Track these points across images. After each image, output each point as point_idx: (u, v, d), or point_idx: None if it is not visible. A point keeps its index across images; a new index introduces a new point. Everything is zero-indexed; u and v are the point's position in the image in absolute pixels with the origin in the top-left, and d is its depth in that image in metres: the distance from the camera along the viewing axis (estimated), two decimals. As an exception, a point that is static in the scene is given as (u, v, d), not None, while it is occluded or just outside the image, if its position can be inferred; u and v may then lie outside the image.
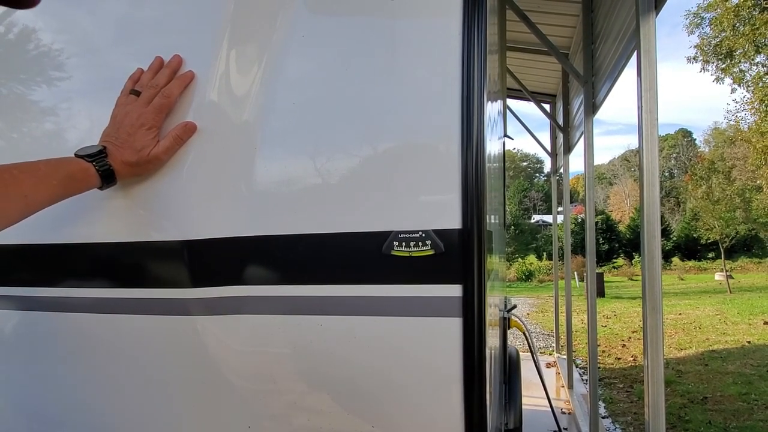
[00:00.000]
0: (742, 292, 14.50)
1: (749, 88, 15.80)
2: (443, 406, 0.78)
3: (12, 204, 0.66)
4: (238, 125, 0.85)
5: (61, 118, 0.97)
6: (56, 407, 0.98)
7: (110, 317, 0.88)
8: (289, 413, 0.85)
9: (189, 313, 0.84)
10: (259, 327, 0.84)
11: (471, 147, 0.76)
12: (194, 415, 0.89)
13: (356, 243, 0.79)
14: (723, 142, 33.67)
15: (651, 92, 1.67)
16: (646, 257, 1.68)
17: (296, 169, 0.85)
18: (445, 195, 0.77)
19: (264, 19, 0.86)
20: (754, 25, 13.85)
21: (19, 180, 0.68)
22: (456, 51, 0.78)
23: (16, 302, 0.95)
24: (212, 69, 0.84)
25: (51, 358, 0.95)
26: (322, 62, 0.85)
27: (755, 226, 20.22)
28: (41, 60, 1.01)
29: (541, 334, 8.66)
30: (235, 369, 0.85)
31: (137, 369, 0.90)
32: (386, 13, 0.82)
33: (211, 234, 0.83)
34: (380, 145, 0.81)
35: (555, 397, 4.71)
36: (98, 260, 0.89)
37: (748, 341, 7.52)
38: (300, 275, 0.82)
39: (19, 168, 0.70)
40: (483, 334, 0.77)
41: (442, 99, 0.78)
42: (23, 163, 0.71)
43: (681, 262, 27.80)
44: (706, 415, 4.52)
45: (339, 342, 0.81)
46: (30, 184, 0.69)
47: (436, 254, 0.76)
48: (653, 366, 1.65)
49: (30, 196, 0.69)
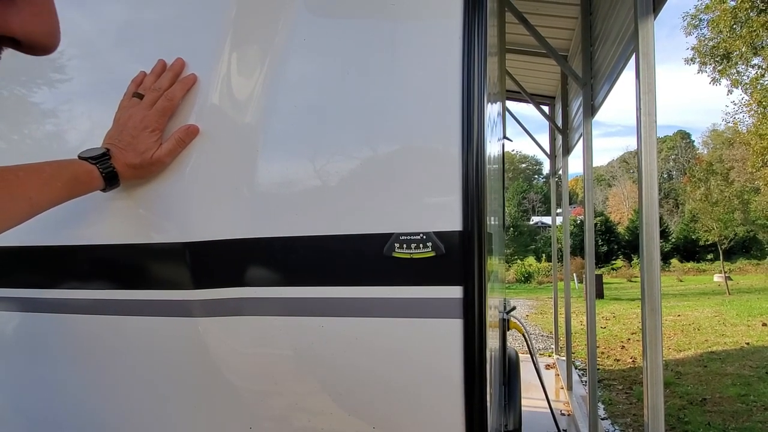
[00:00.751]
0: (740, 294, 14.51)
1: (747, 90, 15.85)
2: (444, 407, 0.78)
3: (17, 205, 0.67)
4: (240, 128, 0.86)
5: (62, 119, 0.98)
6: (57, 408, 0.98)
7: (112, 318, 0.88)
8: (290, 414, 0.86)
9: (191, 314, 0.84)
10: (261, 328, 0.84)
11: (471, 149, 0.77)
12: (195, 415, 0.90)
13: (357, 245, 0.80)
14: (721, 143, 33.76)
15: (649, 95, 1.68)
16: (644, 259, 1.69)
17: (297, 171, 0.85)
18: (446, 197, 0.78)
19: (266, 23, 0.87)
20: (751, 27, 13.89)
21: (23, 181, 0.68)
22: (456, 53, 0.79)
23: (19, 304, 0.95)
24: (214, 72, 0.84)
25: (53, 360, 0.96)
26: (323, 65, 0.85)
27: (754, 228, 20.26)
28: (42, 62, 1.01)
29: (541, 336, 8.66)
30: (236, 370, 0.85)
31: (139, 370, 0.90)
32: (387, 15, 0.83)
33: (213, 236, 0.84)
34: (381, 147, 0.82)
35: (554, 398, 4.70)
36: (100, 262, 0.89)
37: (746, 343, 7.53)
38: (301, 277, 0.82)
39: (24, 169, 0.70)
40: (483, 335, 0.77)
41: (442, 101, 0.79)
42: (27, 165, 0.71)
43: (680, 263, 27.82)
44: (705, 416, 4.52)
45: (340, 343, 0.81)
46: (35, 186, 0.70)
47: (437, 256, 0.77)
48: (652, 367, 1.65)
49: (34, 198, 0.69)
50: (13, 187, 0.67)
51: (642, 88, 1.69)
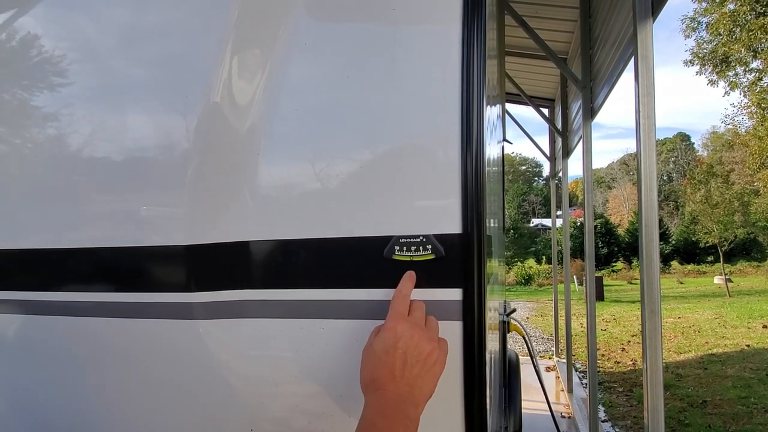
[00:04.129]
0: (741, 296, 14.51)
1: (746, 93, 15.88)
2: (444, 409, 0.78)
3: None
4: (241, 132, 0.86)
5: (63, 123, 0.98)
6: (60, 411, 0.98)
7: (114, 321, 0.89)
8: (291, 416, 0.86)
9: (192, 316, 0.84)
10: (262, 330, 0.85)
11: (471, 152, 0.77)
12: (196, 417, 0.90)
13: (358, 247, 0.80)
14: (721, 145, 33.78)
15: (649, 98, 1.68)
16: (644, 261, 1.69)
17: (299, 174, 0.86)
18: (446, 200, 0.78)
19: (267, 27, 0.87)
20: (750, 30, 13.93)
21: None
22: (456, 57, 0.79)
23: (23, 307, 0.95)
24: (216, 75, 0.85)
25: (55, 362, 0.96)
26: (324, 69, 0.86)
27: (754, 230, 20.25)
28: (44, 66, 1.02)
29: (541, 338, 8.66)
30: (237, 372, 0.86)
31: (140, 371, 0.91)
32: (387, 20, 0.84)
33: (215, 239, 0.84)
34: (381, 151, 0.82)
35: (555, 401, 4.70)
36: (102, 265, 0.90)
37: (747, 345, 7.53)
38: (302, 279, 0.83)
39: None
40: (483, 337, 0.78)
41: (442, 104, 0.79)
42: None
43: (680, 265, 27.82)
44: (705, 418, 4.52)
45: (341, 345, 0.81)
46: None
47: (437, 258, 0.77)
48: (652, 369, 1.66)
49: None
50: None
51: (641, 90, 1.70)
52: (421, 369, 0.70)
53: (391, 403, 0.67)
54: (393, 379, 0.69)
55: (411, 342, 0.70)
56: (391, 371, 0.69)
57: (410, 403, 0.68)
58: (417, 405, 0.69)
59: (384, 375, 0.69)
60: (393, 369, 0.69)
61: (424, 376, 0.70)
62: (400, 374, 0.69)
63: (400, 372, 0.69)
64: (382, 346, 0.71)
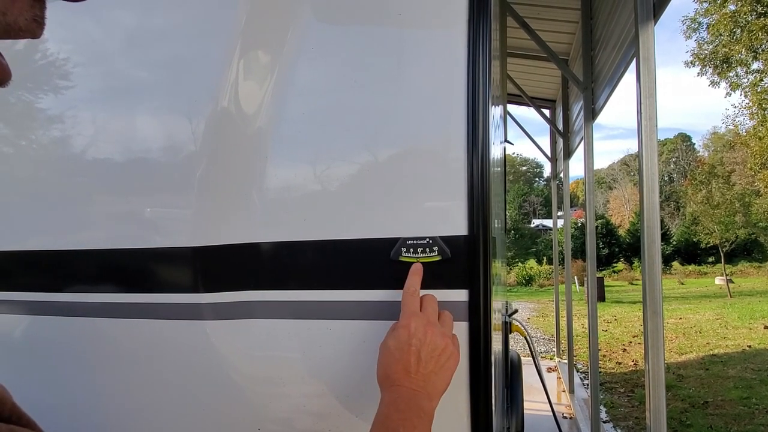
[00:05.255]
0: (742, 297, 14.49)
1: (746, 93, 15.88)
2: (449, 409, 0.79)
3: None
4: (249, 134, 0.87)
5: (68, 125, 0.99)
6: (66, 411, 0.99)
7: (122, 321, 0.90)
8: (298, 416, 0.87)
9: (200, 317, 0.85)
10: (269, 331, 0.85)
11: (476, 155, 0.78)
12: (203, 417, 0.91)
13: (365, 249, 0.81)
14: (722, 146, 33.77)
15: (650, 99, 1.69)
16: (646, 261, 1.70)
17: (306, 176, 0.86)
18: (452, 202, 0.79)
19: (275, 31, 0.88)
20: (751, 31, 13.93)
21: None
22: (462, 60, 0.80)
23: (29, 308, 0.96)
24: (224, 79, 0.85)
25: (62, 362, 0.97)
26: (331, 72, 0.87)
27: (755, 231, 20.23)
28: (49, 69, 1.03)
29: (542, 339, 8.66)
30: (244, 372, 0.86)
31: (147, 372, 0.91)
32: (394, 24, 0.84)
33: (223, 240, 0.85)
34: (388, 153, 0.83)
35: (556, 401, 4.70)
36: (111, 266, 0.91)
37: (748, 345, 7.52)
38: (310, 280, 0.84)
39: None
40: (489, 338, 0.79)
41: (448, 106, 0.80)
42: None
43: (681, 266, 27.79)
44: (707, 419, 4.52)
45: (348, 346, 0.82)
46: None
47: (443, 260, 0.78)
48: (654, 370, 1.66)
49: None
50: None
51: (642, 92, 1.71)
52: (435, 364, 0.71)
53: (405, 397, 0.68)
54: (407, 375, 0.70)
55: (425, 338, 0.71)
56: (405, 368, 0.70)
57: (424, 397, 0.69)
58: (431, 399, 0.70)
59: (398, 371, 0.70)
60: (407, 365, 0.70)
61: (438, 372, 0.71)
62: (414, 370, 0.70)
63: (414, 368, 0.70)
64: (396, 344, 0.72)
